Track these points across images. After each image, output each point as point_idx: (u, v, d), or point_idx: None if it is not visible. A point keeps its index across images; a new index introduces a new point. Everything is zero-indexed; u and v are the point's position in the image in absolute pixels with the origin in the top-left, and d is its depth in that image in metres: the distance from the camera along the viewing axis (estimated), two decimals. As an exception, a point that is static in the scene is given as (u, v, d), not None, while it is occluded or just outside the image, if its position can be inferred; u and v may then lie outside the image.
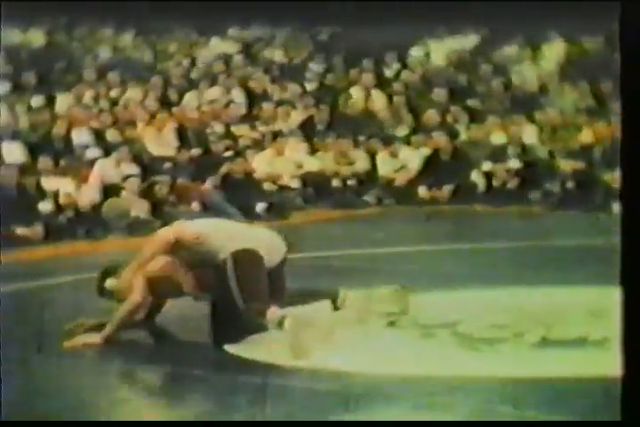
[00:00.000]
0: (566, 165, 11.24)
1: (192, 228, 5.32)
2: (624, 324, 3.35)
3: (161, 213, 9.94)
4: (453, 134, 11.83)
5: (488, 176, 11.29)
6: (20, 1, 11.69)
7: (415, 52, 13.54)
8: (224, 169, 10.90)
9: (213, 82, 12.89)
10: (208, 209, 10.25)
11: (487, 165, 11.42)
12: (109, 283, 5.44)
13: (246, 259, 5.16)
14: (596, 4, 8.95)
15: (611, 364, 3.60)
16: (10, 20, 13.22)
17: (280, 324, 4.98)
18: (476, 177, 11.29)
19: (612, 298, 3.68)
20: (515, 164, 11.38)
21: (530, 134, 11.81)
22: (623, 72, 3.53)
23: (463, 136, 11.89)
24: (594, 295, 5.67)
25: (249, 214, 10.36)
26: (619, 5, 3.53)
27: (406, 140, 11.77)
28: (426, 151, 11.59)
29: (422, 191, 11.22)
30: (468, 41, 13.66)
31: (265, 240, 5.34)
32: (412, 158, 11.51)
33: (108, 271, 5.51)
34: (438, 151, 11.54)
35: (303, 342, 4.89)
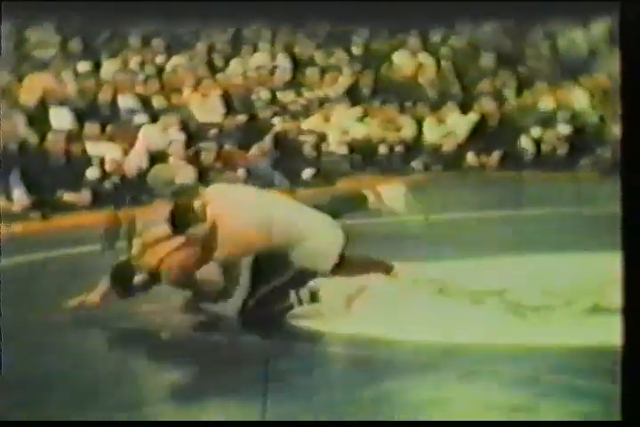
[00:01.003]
0: (617, 130, 11.06)
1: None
2: (625, 292, 3.32)
3: (207, 179, 9.93)
4: (502, 100, 11.69)
5: (537, 142, 11.16)
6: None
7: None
8: (270, 135, 10.86)
9: (258, 48, 12.81)
10: (254, 176, 10.23)
11: (536, 131, 11.28)
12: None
13: (303, 278, 5.02)
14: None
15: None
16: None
17: (313, 298, 4.93)
18: (525, 143, 11.16)
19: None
20: (564, 129, 11.23)
21: (580, 99, 11.64)
22: (623, 71, 3.53)
23: (512, 102, 11.74)
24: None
25: (295, 181, 10.34)
26: (618, 5, 3.55)
27: (454, 106, 11.64)
28: (474, 117, 11.47)
29: (470, 158, 11.12)
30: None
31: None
32: (460, 124, 11.40)
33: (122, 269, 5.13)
34: (486, 117, 11.42)
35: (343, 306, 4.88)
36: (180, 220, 4.96)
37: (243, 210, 4.98)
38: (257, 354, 4.54)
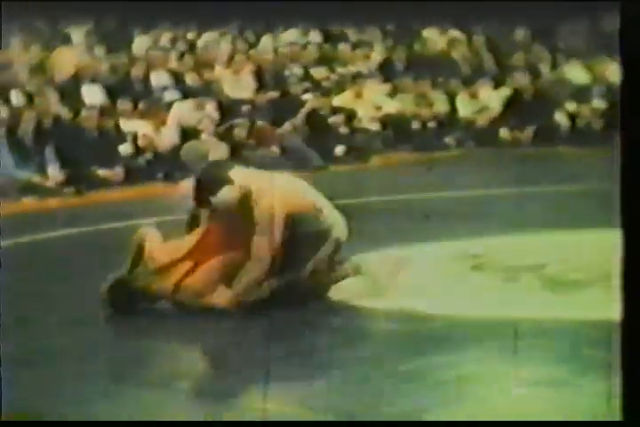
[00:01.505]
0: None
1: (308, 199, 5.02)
2: (624, 268, 3.31)
3: (240, 156, 9.92)
4: (536, 74, 11.57)
5: (572, 117, 11.04)
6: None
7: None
8: (303, 112, 10.81)
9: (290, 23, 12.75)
10: (287, 152, 10.20)
11: (571, 106, 11.16)
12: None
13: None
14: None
15: None
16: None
17: (357, 270, 4.95)
18: (559, 118, 11.05)
19: None
20: (599, 104, 11.10)
21: (615, 73, 11.50)
22: (624, 71, 3.54)
23: (546, 76, 11.62)
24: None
25: (327, 158, 10.29)
26: (619, 5, 3.56)
27: (487, 81, 11.54)
28: (507, 92, 11.36)
29: (504, 133, 11.03)
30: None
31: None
32: (494, 99, 11.30)
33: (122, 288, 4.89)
34: (520, 92, 11.31)
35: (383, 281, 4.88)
36: (205, 191, 4.93)
37: (267, 184, 4.97)
38: (298, 328, 4.54)
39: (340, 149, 10.54)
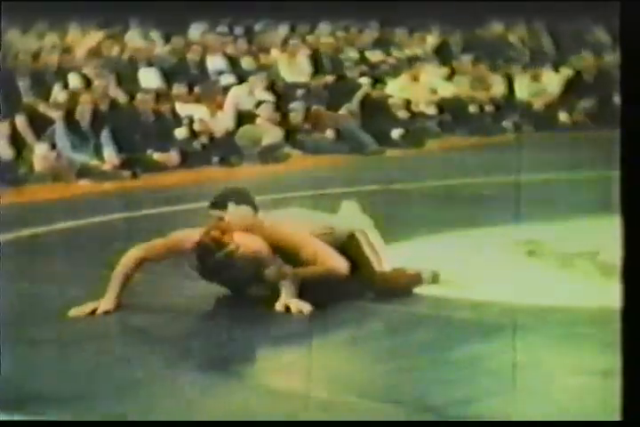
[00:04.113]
0: None
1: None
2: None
3: (295, 140, 9.91)
4: (597, 57, 11.41)
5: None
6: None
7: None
8: (359, 96, 10.76)
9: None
10: (342, 137, 10.16)
11: (632, 89, 10.99)
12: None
13: None
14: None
15: None
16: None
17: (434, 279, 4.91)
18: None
19: None
20: (662, 87, 10.91)
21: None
22: (624, 71, 3.54)
23: (608, 56, 11.44)
24: None
25: (384, 141, 10.24)
26: (619, 5, 3.56)
27: (546, 63, 11.42)
28: (567, 73, 11.21)
29: (563, 116, 10.89)
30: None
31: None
32: (553, 81, 11.16)
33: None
34: (581, 73, 11.15)
35: None
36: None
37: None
38: (355, 315, 4.53)
39: (396, 133, 10.48)
